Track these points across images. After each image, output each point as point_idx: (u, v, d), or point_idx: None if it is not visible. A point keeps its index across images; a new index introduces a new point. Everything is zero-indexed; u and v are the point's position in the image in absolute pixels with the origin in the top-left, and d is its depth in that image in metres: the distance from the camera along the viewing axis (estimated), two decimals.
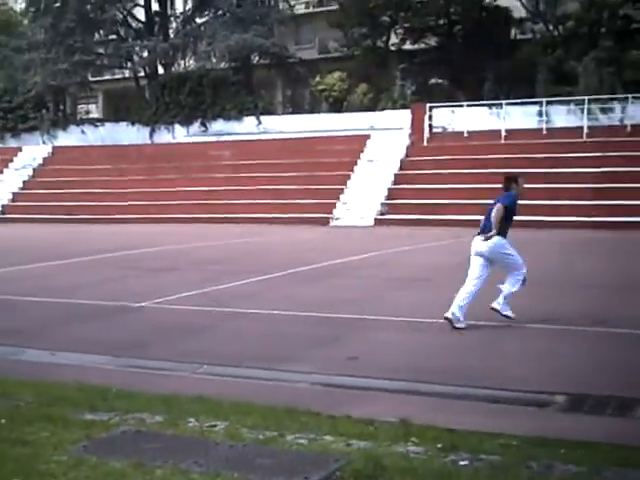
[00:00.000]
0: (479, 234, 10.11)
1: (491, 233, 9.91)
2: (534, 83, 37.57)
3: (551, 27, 41.05)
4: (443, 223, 29.55)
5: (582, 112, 33.29)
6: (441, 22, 43.98)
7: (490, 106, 35.47)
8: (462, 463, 4.84)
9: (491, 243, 9.94)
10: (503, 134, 33.71)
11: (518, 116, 34.06)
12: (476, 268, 10.02)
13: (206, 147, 39.37)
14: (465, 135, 34.50)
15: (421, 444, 5.18)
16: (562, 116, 33.75)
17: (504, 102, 34.70)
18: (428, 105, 36.08)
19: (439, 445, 5.14)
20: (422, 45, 44.69)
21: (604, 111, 33.53)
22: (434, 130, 35.98)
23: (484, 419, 6.12)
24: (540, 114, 34.07)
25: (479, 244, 10.05)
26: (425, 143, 35.59)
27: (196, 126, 42.19)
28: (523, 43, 42.20)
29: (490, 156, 31.96)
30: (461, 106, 35.54)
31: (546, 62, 38.41)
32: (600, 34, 37.10)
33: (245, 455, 4.88)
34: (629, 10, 37.08)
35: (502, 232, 10.03)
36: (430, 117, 35.97)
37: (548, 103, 34.12)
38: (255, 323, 10.56)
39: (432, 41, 44.58)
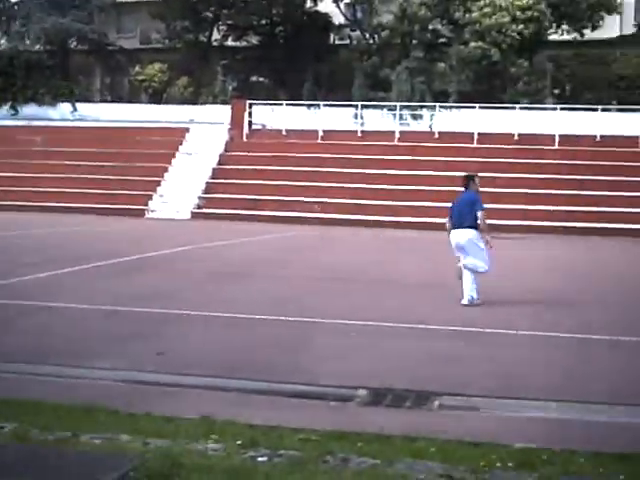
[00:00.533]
0: (456, 228, 11.64)
1: (488, 238, 11.71)
2: (351, 87, 38.63)
3: (367, 35, 42.40)
4: (261, 218, 29.88)
5: (394, 117, 34.59)
6: (263, 22, 44.29)
7: (309, 106, 36.12)
8: (261, 459, 4.84)
9: (472, 235, 11.58)
10: (320, 134, 34.36)
11: (335, 117, 34.86)
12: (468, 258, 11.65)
13: (15, 131, 37.57)
14: (284, 133, 34.88)
15: (221, 441, 5.14)
16: (376, 120, 34.86)
17: (322, 103, 35.43)
18: (248, 102, 36.22)
19: (239, 442, 5.11)
20: (244, 43, 44.79)
21: (415, 117, 34.99)
22: (254, 127, 36.15)
23: (287, 415, 6.14)
24: (356, 117, 35.05)
25: (458, 236, 11.64)
26: (244, 139, 35.69)
27: (5, 109, 40.17)
28: (342, 48, 43.33)
29: (307, 155, 32.61)
30: (281, 105, 35.93)
31: (362, 68, 39.66)
32: (412, 45, 38.70)
33: (31, 458, 4.63)
34: (437, 25, 39.06)
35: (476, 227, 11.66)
36: (250, 114, 36.11)
37: (363, 107, 35.20)
38: (59, 318, 10.17)
39: (254, 40, 44.79)
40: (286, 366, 7.83)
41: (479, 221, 11.62)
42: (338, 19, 43.71)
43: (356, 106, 35.33)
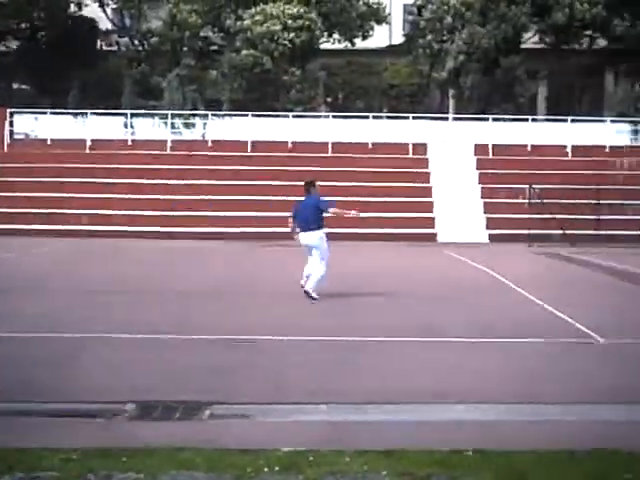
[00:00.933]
0: (305, 231, 13.05)
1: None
2: (121, 95, 37.00)
3: (137, 42, 41.00)
4: (23, 232, 27.63)
5: (166, 126, 33.40)
6: (23, 26, 41.53)
7: (75, 115, 34.22)
8: None
9: (321, 234, 13.10)
10: (88, 143, 32.60)
11: (104, 126, 33.31)
12: (315, 256, 13.11)
13: None
14: (49, 143, 32.78)
15: None
16: (147, 128, 33.60)
17: (89, 111, 33.70)
18: (9, 110, 33.82)
19: None
20: (3, 48, 41.80)
21: (187, 126, 34.00)
22: (16, 136, 33.86)
23: (50, 435, 5.86)
24: (126, 125, 33.60)
25: (309, 238, 13.09)
26: (5, 149, 33.36)
27: None
28: (110, 55, 41.56)
29: (74, 165, 30.84)
30: (45, 113, 33.72)
31: (132, 75, 38.42)
32: (183, 52, 37.86)
33: None
34: (209, 32, 38.41)
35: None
36: (11, 123, 33.83)
37: (133, 115, 33.89)
38: None
39: (13, 44, 41.89)
40: (51, 385, 7.45)
41: (335, 211, 13.45)
42: (105, 24, 41.93)
43: (126, 114, 33.84)
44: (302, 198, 13.56)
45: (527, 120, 33.76)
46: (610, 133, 33.10)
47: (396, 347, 9.62)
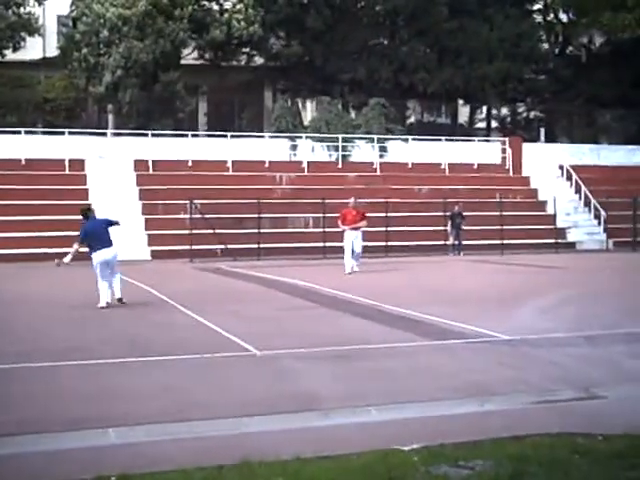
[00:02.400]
0: (105, 248, 14.65)
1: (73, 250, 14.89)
2: None
3: None
4: None
5: None
6: None
7: None
8: None
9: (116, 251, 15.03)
10: None
11: None
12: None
13: None
14: None
15: None
16: None
17: None
18: None
19: None
20: None
21: None
22: None
23: None
24: None
25: (109, 254, 14.77)
26: None
27: None
28: None
29: None
30: None
31: None
32: None
33: None
34: None
35: None
36: None
37: None
38: None
39: None
40: None
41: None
42: None
43: None
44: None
45: (187, 136, 33.55)
46: (269, 148, 33.89)
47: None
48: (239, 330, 11.61)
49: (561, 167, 36.56)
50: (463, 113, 48.08)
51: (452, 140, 36.78)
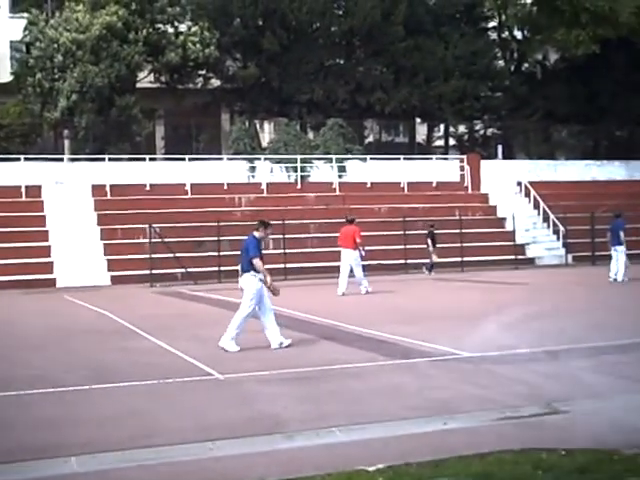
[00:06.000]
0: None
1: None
2: None
3: None
4: None
5: None
6: None
7: None
8: None
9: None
10: None
11: None
12: None
13: None
14: None
15: None
16: None
17: None
18: None
19: None
20: None
21: None
22: None
23: None
24: None
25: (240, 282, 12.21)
26: None
27: None
28: None
29: None
30: None
31: None
32: None
33: None
34: None
35: None
36: None
37: None
38: None
39: None
40: None
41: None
42: None
43: None
44: None
45: (145, 159, 33.30)
46: (228, 170, 33.77)
47: None
48: (202, 354, 11.52)
49: (519, 183, 36.93)
50: (421, 132, 48.45)
51: (410, 159, 36.99)
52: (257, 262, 11.86)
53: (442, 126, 47.56)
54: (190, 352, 11.70)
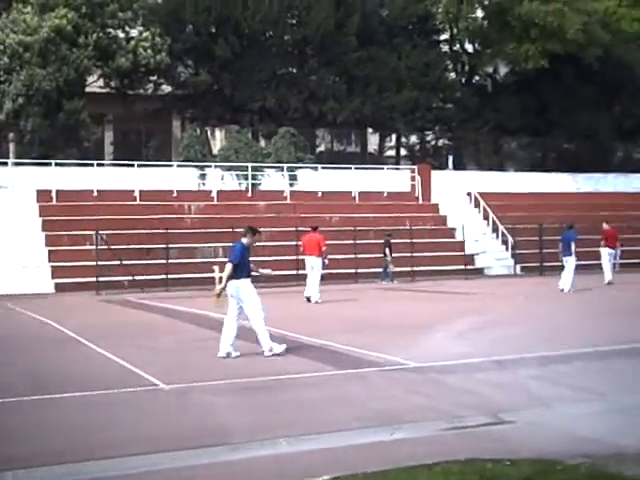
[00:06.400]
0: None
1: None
2: None
3: None
4: None
5: None
6: None
7: None
8: None
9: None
10: None
11: None
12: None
13: None
14: None
15: None
16: None
17: None
18: None
19: None
20: None
21: None
22: None
23: None
24: None
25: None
26: None
27: None
28: None
29: None
30: None
31: None
32: None
33: None
34: None
35: None
36: None
37: None
38: None
39: None
40: None
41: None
42: None
43: None
44: None
45: (93, 165, 32.80)
46: (178, 177, 33.44)
47: None
48: (146, 364, 11.30)
49: (469, 194, 37.23)
50: (373, 142, 48.62)
51: (362, 168, 37.03)
52: (228, 268, 11.93)
53: (394, 136, 47.79)
54: (134, 362, 11.46)
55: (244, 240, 12.45)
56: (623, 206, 37.02)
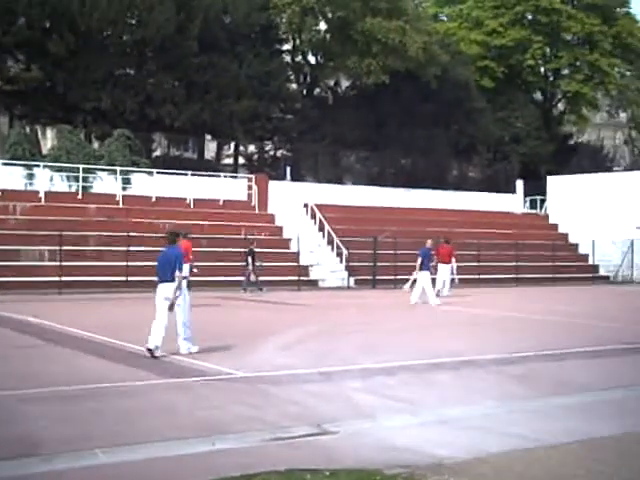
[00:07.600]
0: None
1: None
2: None
3: None
4: None
5: None
6: None
7: None
8: None
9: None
10: None
11: None
12: None
13: None
14: None
15: None
16: None
17: None
18: None
19: None
20: None
21: None
22: None
23: None
24: None
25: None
26: None
27: None
28: None
29: None
30: None
31: None
32: None
33: None
34: None
35: None
36: None
37: None
38: None
39: None
40: None
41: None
42: None
43: None
44: None
45: None
46: (3, 176, 31.80)
47: None
48: None
49: (306, 205, 37.56)
50: (211, 148, 48.27)
51: (198, 175, 36.59)
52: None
53: (232, 144, 47.65)
54: None
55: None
56: (454, 223, 38.43)
